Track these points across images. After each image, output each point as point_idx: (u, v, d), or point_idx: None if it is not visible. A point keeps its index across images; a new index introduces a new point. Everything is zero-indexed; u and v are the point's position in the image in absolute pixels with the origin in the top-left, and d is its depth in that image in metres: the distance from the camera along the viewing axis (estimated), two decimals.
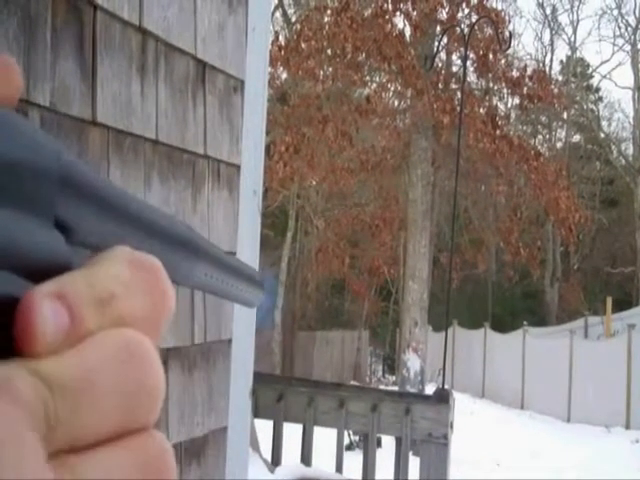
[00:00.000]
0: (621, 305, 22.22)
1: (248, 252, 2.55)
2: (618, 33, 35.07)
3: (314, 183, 20.30)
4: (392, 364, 25.97)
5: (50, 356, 0.25)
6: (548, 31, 32.81)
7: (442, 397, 5.02)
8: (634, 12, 32.70)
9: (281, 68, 17.09)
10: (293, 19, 20.72)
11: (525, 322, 20.63)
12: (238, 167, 2.50)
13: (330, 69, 16.70)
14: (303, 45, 15.41)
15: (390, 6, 15.53)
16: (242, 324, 2.56)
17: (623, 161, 32.34)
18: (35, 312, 0.25)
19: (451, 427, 4.95)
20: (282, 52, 15.26)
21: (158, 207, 0.39)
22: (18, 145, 0.26)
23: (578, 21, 32.22)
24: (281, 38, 16.24)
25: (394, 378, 22.72)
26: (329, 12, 15.80)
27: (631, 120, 33.13)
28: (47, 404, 0.24)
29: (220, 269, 0.45)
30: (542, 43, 39.38)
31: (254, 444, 4.73)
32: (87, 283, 0.27)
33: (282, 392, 5.11)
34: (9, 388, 0.24)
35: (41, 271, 0.27)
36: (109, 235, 0.29)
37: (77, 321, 0.26)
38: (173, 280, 0.39)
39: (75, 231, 0.29)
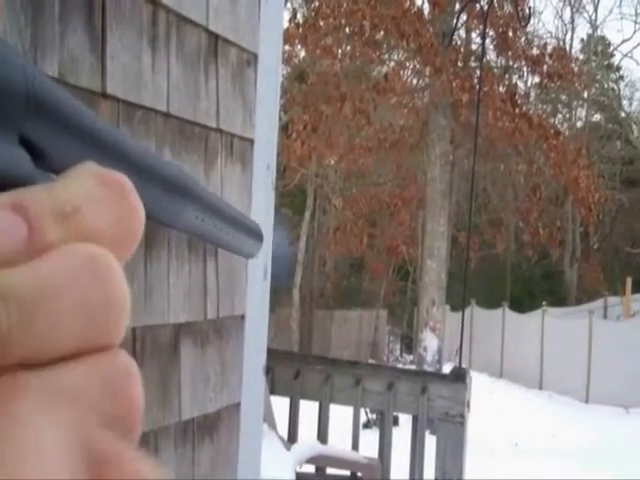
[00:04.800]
0: None
1: (261, 227, 2.53)
2: None
3: (332, 162, 20.27)
4: (410, 343, 25.97)
5: (5, 267, 0.24)
6: (569, 9, 32.36)
7: (459, 376, 5.00)
8: None
9: (299, 46, 17.02)
10: None
11: (544, 302, 20.55)
12: (252, 141, 2.48)
13: (348, 47, 16.62)
14: (321, 23, 15.33)
15: None
16: (256, 300, 2.55)
17: None
18: None
19: (468, 406, 4.93)
20: (300, 30, 15.19)
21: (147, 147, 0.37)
22: None
23: None
24: (299, 16, 16.15)
25: (412, 357, 22.73)
26: None
27: None
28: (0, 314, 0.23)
29: (214, 214, 0.43)
30: (562, 21, 38.95)
31: (270, 421, 4.73)
32: (49, 196, 0.25)
33: (299, 369, 5.11)
34: None
35: (0, 186, 0.26)
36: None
37: (36, 233, 0.25)
38: (161, 220, 0.37)
39: (46, 154, 0.29)
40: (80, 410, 0.25)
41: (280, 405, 5.19)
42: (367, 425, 10.58)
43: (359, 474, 5.09)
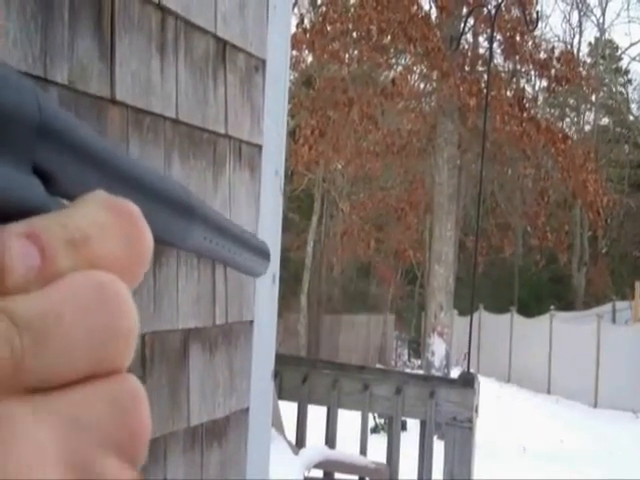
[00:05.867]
0: None
1: (270, 233, 2.53)
2: None
3: (340, 166, 20.28)
4: (417, 348, 25.92)
5: (18, 294, 0.25)
6: (576, 12, 32.35)
7: (467, 381, 5.00)
8: None
9: (306, 51, 17.04)
10: (318, 1, 20.61)
11: (552, 307, 20.50)
12: (260, 147, 2.48)
13: (355, 52, 16.63)
14: (328, 28, 15.34)
15: None
16: (264, 305, 2.55)
17: None
18: (4, 250, 0.25)
19: (476, 411, 4.92)
20: (307, 35, 15.20)
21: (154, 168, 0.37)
22: None
23: (607, 2, 31.63)
24: (306, 21, 16.18)
25: (419, 362, 22.69)
26: None
27: None
28: (13, 340, 0.24)
29: (221, 234, 0.43)
30: (570, 25, 38.98)
31: (279, 426, 4.73)
32: (60, 224, 0.26)
33: (306, 374, 5.10)
34: None
35: (15, 214, 0.26)
36: (93, 188, 0.29)
37: (48, 261, 0.25)
38: (167, 242, 0.38)
39: (56, 180, 0.29)
40: (82, 433, 0.25)
41: (288, 410, 5.19)
42: (375, 430, 10.56)
43: (367, 479, 5.09)
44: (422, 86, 18.74)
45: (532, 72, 18.84)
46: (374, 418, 11.12)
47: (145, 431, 0.27)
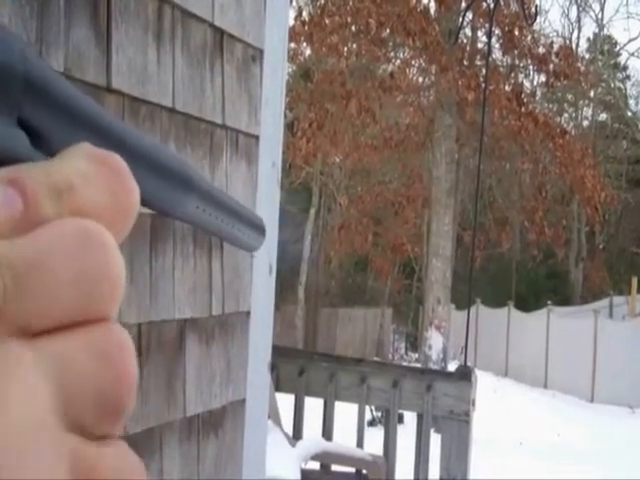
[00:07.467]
0: None
1: (266, 225, 2.52)
2: None
3: (337, 160, 20.26)
4: (415, 342, 25.95)
5: (0, 239, 0.25)
6: (575, 8, 32.33)
7: (464, 374, 4.99)
8: None
9: (304, 44, 17.00)
10: None
11: (549, 301, 20.52)
12: (257, 138, 2.47)
13: (354, 45, 16.59)
14: (327, 21, 15.30)
15: None
16: (261, 296, 2.54)
17: None
18: None
19: (473, 404, 4.92)
20: (306, 28, 15.17)
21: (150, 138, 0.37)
22: None
23: None
24: (305, 14, 16.12)
25: (417, 356, 22.70)
26: None
27: None
28: None
29: (215, 205, 0.42)
30: (569, 20, 38.99)
31: (276, 418, 4.73)
32: (45, 172, 0.26)
33: (304, 366, 5.10)
34: None
35: None
36: None
37: (32, 207, 0.25)
38: (157, 208, 0.37)
39: (42, 136, 0.29)
40: (67, 380, 0.25)
41: (285, 402, 5.19)
42: (372, 423, 10.58)
43: (364, 471, 5.09)
44: (420, 80, 18.69)
45: (530, 67, 18.83)
46: (371, 411, 11.13)
47: (130, 377, 0.26)
